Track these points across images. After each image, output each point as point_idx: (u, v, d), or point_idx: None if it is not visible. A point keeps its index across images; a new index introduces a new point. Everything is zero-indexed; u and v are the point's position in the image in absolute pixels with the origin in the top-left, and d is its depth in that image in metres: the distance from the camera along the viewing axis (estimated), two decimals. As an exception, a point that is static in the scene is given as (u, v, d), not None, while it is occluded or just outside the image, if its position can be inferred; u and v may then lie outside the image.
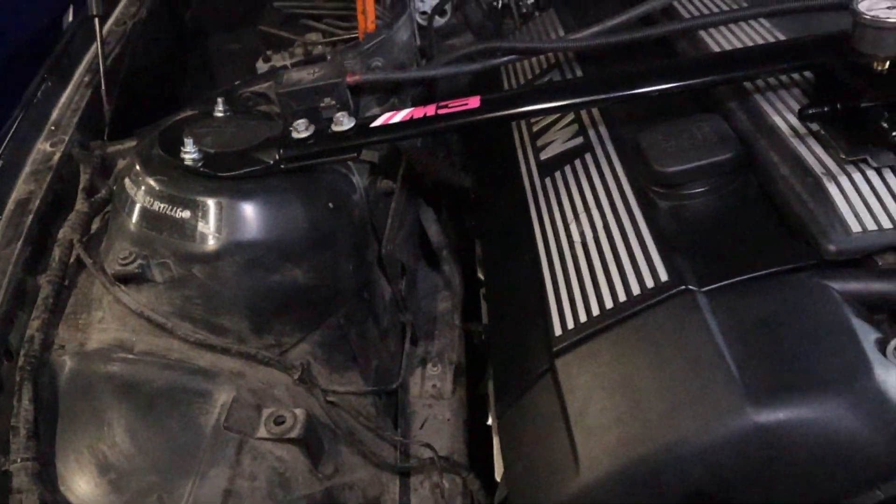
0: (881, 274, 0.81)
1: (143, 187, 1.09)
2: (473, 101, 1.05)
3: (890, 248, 0.82)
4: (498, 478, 1.06)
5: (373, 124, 1.08)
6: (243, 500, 0.95)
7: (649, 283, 0.89)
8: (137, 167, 1.12)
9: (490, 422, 1.24)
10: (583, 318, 0.92)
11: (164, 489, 0.92)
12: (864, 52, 0.86)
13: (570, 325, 0.93)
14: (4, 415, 0.95)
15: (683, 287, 0.85)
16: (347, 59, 1.21)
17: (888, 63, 0.85)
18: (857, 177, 0.86)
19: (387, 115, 1.08)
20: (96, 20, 1.43)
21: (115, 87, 1.45)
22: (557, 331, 0.93)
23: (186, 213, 1.05)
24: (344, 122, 1.08)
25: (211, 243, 1.05)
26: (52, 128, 1.36)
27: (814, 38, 0.99)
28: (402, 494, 1.13)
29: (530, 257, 1.07)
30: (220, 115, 1.21)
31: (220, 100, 1.22)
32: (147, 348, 1.04)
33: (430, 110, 1.05)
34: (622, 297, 0.90)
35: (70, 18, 2.64)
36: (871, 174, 0.86)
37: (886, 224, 0.81)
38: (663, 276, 0.88)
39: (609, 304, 0.91)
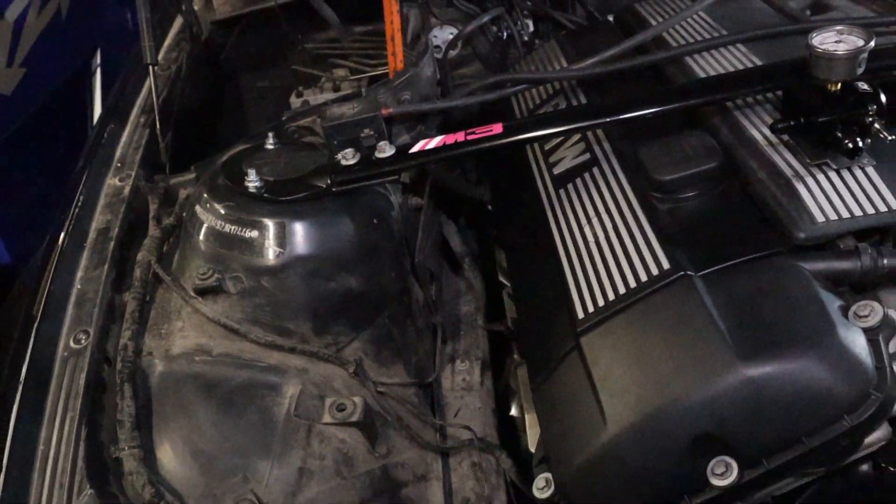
0: (842, 254, 0.95)
1: (213, 212, 1.21)
2: (497, 128, 1.17)
3: (848, 233, 0.96)
4: (532, 448, 1.18)
5: (411, 150, 1.20)
6: (315, 477, 1.05)
7: (654, 271, 1.00)
8: (206, 195, 1.24)
9: (513, 412, 1.34)
10: (601, 302, 1.03)
11: (248, 469, 1.03)
12: (819, 77, 0.98)
13: (591, 309, 1.04)
14: (109, 411, 1.07)
15: (682, 273, 0.97)
16: (380, 95, 1.32)
17: (840, 85, 0.98)
18: (821, 177, 1.00)
19: (422, 141, 1.20)
20: (150, 68, 1.57)
21: (168, 125, 1.58)
22: (580, 314, 1.04)
23: (255, 233, 1.18)
24: (386, 150, 1.21)
25: (277, 258, 1.17)
26: (118, 164, 1.49)
27: (780, 65, 1.12)
28: (445, 472, 1.21)
29: (551, 257, 1.17)
30: (270, 147, 1.34)
31: (270, 134, 1.35)
32: (224, 351, 1.15)
33: (461, 136, 1.17)
34: (633, 284, 1.01)
35: (98, 61, 2.80)
36: (832, 174, 1.00)
37: (845, 214, 0.95)
38: (665, 265, 1.00)
39: (622, 290, 1.02)
